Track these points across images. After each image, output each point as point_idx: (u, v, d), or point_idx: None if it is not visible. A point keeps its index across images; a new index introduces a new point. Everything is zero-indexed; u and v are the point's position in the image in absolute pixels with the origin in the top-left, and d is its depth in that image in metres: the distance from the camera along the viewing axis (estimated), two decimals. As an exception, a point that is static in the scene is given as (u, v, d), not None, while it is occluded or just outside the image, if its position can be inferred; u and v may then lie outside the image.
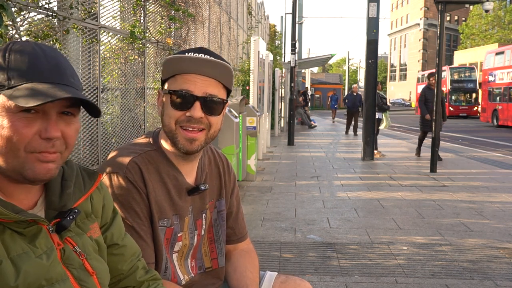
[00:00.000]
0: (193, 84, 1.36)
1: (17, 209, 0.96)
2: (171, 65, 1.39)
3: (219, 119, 1.42)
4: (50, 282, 0.98)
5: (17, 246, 0.95)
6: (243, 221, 1.71)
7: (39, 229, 1.00)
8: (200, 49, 1.41)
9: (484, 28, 46.68)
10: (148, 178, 1.40)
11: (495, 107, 25.20)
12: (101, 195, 1.19)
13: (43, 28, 3.37)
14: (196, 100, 1.36)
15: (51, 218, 1.04)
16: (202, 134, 1.39)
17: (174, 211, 1.46)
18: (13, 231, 0.96)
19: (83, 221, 1.12)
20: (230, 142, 5.49)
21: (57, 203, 1.06)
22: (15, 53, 0.97)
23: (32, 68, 0.97)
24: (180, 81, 1.37)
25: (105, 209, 1.20)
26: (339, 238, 4.52)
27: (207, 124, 1.39)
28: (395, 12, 79.88)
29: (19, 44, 0.99)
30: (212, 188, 1.59)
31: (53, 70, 0.99)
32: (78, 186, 1.11)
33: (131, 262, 1.23)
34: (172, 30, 6.27)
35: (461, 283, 3.44)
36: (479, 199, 6.30)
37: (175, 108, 1.37)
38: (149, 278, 1.27)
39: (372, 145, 10.19)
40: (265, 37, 24.84)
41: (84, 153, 4.03)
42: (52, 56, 1.01)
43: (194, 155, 1.46)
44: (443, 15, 8.43)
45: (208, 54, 1.39)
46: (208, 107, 1.37)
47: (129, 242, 1.25)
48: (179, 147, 1.39)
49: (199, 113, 1.36)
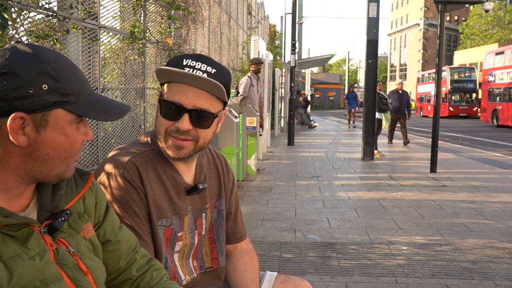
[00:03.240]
0: (185, 96, 1.36)
1: (7, 212, 0.96)
2: (164, 74, 1.39)
3: (209, 131, 1.42)
4: (45, 283, 0.98)
5: (9, 249, 0.95)
6: (242, 221, 1.72)
7: (30, 231, 1.00)
8: (198, 57, 1.40)
9: (484, 28, 46.68)
10: (146, 178, 1.41)
11: (495, 107, 25.20)
12: (93, 194, 1.19)
13: (43, 28, 3.37)
14: (185, 113, 1.36)
15: (43, 219, 1.04)
16: (191, 144, 1.41)
17: (173, 211, 1.46)
18: (4, 234, 0.96)
19: (76, 222, 1.12)
20: (230, 142, 5.49)
21: (49, 205, 1.06)
22: (57, 64, 0.99)
23: (80, 80, 1.03)
24: (173, 90, 1.37)
25: (98, 207, 1.20)
26: (339, 238, 4.52)
27: (195, 136, 1.40)
28: (395, 12, 79.87)
29: (46, 52, 1.00)
30: (212, 188, 1.59)
31: (86, 80, 1.07)
32: (70, 187, 1.12)
33: (127, 257, 1.24)
34: (172, 30, 6.27)
35: (461, 283, 3.44)
36: (479, 199, 6.30)
37: (165, 117, 1.39)
38: (149, 268, 1.27)
39: (372, 145, 10.19)
40: (265, 37, 24.83)
41: (84, 153, 4.03)
42: (73, 63, 1.06)
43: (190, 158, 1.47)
44: (443, 15, 8.43)
45: (206, 63, 1.38)
46: (196, 120, 1.38)
47: (124, 237, 1.24)
48: (168, 152, 1.42)
49: (186, 125, 1.37)
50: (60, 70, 0.98)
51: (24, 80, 0.94)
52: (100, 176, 1.40)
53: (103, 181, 1.39)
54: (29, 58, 0.96)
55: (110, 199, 1.37)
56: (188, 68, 1.36)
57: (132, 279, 1.25)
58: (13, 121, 0.94)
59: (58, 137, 0.99)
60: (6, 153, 0.98)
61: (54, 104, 0.97)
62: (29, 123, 0.96)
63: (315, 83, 52.76)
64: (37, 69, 0.96)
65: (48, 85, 0.96)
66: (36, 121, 0.96)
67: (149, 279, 1.26)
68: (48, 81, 0.96)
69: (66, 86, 0.98)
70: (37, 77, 0.95)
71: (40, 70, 0.96)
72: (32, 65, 0.96)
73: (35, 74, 0.95)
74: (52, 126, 0.98)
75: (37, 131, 0.97)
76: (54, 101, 0.97)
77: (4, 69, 0.94)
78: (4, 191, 1.00)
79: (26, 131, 0.96)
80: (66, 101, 0.98)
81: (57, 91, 0.97)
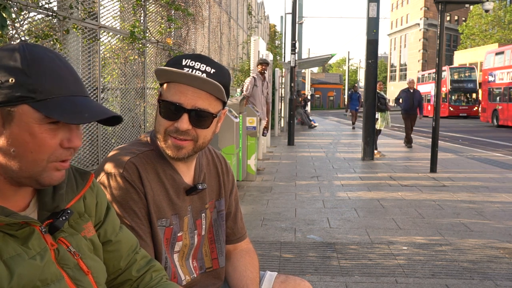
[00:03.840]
0: (184, 96, 1.36)
1: (8, 211, 0.96)
2: (163, 74, 1.39)
3: (208, 131, 1.43)
4: (45, 282, 0.97)
5: (9, 248, 0.95)
6: (241, 221, 1.72)
7: (31, 230, 1.00)
8: (197, 57, 1.40)
9: (484, 28, 46.67)
10: (145, 178, 1.41)
11: (495, 107, 25.21)
12: (94, 194, 1.19)
13: (43, 28, 3.37)
14: (184, 113, 1.37)
15: (44, 219, 1.04)
16: (190, 144, 1.41)
17: (173, 211, 1.46)
18: (5, 233, 0.96)
19: (77, 221, 1.12)
20: (230, 142, 5.49)
21: (50, 204, 1.06)
22: (35, 61, 0.96)
23: (59, 80, 0.98)
24: (172, 90, 1.38)
25: (98, 206, 1.20)
26: (339, 238, 4.52)
27: (195, 136, 1.40)
28: (395, 12, 79.86)
29: (33, 49, 0.98)
30: (211, 188, 1.59)
31: (76, 82, 1.00)
32: (71, 187, 1.11)
33: (127, 257, 1.24)
34: (172, 30, 6.27)
35: (461, 283, 3.44)
36: (479, 199, 6.30)
37: (164, 117, 1.40)
38: (149, 269, 1.27)
39: (372, 145, 10.19)
40: (265, 37, 24.83)
41: (84, 153, 4.03)
42: (67, 64, 1.02)
43: None
44: (443, 15, 8.43)
45: (205, 63, 1.39)
46: (196, 120, 1.38)
47: (124, 237, 1.24)
48: (167, 152, 1.42)
49: (186, 125, 1.37)
50: (36, 66, 0.95)
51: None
52: (100, 176, 1.41)
53: (103, 181, 1.39)
54: (8, 52, 0.96)
55: (109, 199, 1.37)
56: (187, 68, 1.36)
57: (132, 280, 1.25)
58: None
59: (23, 135, 0.95)
60: None
61: (18, 98, 0.94)
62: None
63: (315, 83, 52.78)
64: (9, 63, 0.94)
65: (15, 79, 0.93)
66: (3, 115, 0.95)
67: (149, 280, 1.26)
68: (17, 76, 0.94)
69: (35, 83, 0.94)
70: (6, 70, 0.94)
71: (12, 65, 0.94)
72: (6, 59, 0.95)
73: (5, 68, 0.94)
74: (17, 122, 0.95)
75: (3, 125, 0.95)
76: (19, 96, 0.94)
77: None
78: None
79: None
80: (32, 97, 0.94)
81: (24, 86, 0.94)
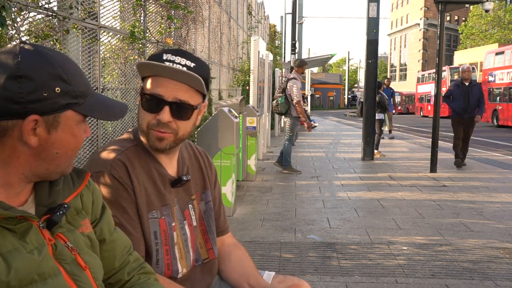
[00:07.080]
0: (165, 88, 1.41)
1: (6, 205, 0.98)
2: (145, 68, 1.44)
3: (188, 123, 1.47)
4: (43, 277, 0.99)
5: (7, 243, 0.97)
6: (224, 214, 1.77)
7: (29, 225, 1.02)
8: (178, 51, 1.45)
9: (484, 28, 46.66)
10: (133, 173, 1.45)
11: (495, 107, 25.21)
12: (90, 192, 1.22)
13: (43, 28, 3.37)
14: (165, 105, 1.41)
15: (41, 214, 1.06)
16: (171, 136, 1.46)
17: (162, 202, 1.50)
18: (3, 227, 0.97)
19: (74, 218, 1.14)
20: (230, 142, 5.48)
21: (46, 200, 1.08)
22: (65, 66, 1.02)
23: (86, 80, 1.08)
24: (154, 83, 1.43)
25: (95, 204, 1.22)
26: (339, 238, 4.52)
27: (175, 128, 1.45)
28: (395, 12, 79.86)
29: (53, 53, 1.03)
30: (196, 181, 1.63)
31: (88, 81, 1.11)
32: (67, 183, 1.14)
33: (122, 257, 1.26)
34: (172, 30, 6.27)
35: (461, 283, 3.44)
36: (479, 199, 6.30)
37: (146, 110, 1.44)
38: (139, 271, 1.29)
39: (372, 145, 10.18)
40: (265, 37, 24.83)
41: (84, 153, 4.03)
42: (77, 65, 1.10)
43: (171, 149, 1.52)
44: (443, 15, 8.43)
45: (185, 57, 1.44)
46: (177, 112, 1.43)
47: (118, 238, 1.27)
48: (150, 144, 1.47)
49: (167, 117, 1.42)
50: (69, 72, 1.02)
51: (38, 84, 0.97)
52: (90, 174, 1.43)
53: None
54: (42, 61, 0.99)
55: None
56: (168, 62, 1.41)
57: (123, 280, 1.27)
58: (27, 124, 0.97)
59: (67, 137, 1.04)
60: (13, 153, 1.00)
61: (66, 106, 1.01)
62: (41, 125, 0.99)
63: (315, 83, 52.71)
64: (50, 72, 0.99)
65: (60, 87, 0.99)
66: (48, 122, 1.00)
67: (136, 281, 1.28)
68: (60, 84, 1.00)
69: (76, 88, 1.02)
70: (51, 80, 0.98)
71: (53, 73, 0.99)
72: (45, 68, 0.99)
73: (49, 77, 0.98)
74: (63, 127, 1.02)
75: (48, 132, 1.01)
76: (66, 103, 1.01)
77: (18, 72, 0.96)
78: (5, 187, 1.02)
79: (38, 132, 1.00)
80: (76, 102, 1.02)
81: (68, 94, 1.01)
